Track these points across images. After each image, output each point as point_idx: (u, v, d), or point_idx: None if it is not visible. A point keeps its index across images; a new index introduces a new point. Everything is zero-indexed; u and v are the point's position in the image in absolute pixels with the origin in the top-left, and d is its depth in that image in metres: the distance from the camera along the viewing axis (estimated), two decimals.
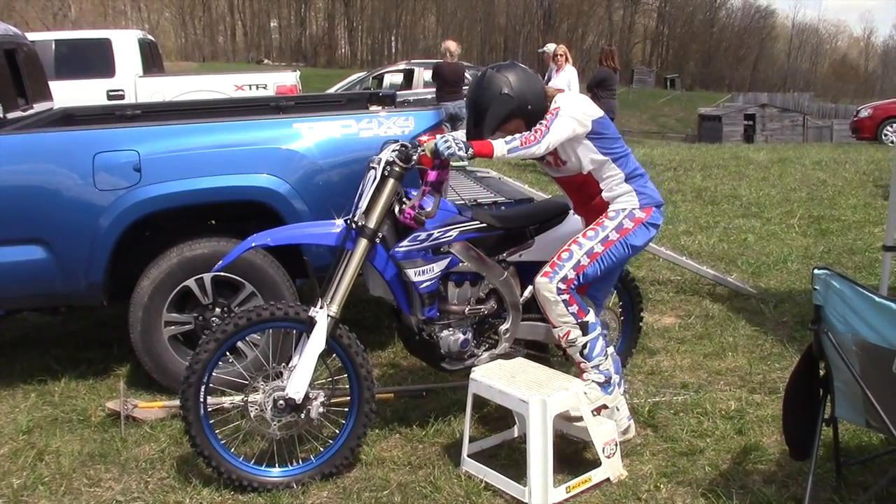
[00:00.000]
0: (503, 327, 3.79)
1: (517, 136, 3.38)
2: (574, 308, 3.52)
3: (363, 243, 3.35)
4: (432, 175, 3.44)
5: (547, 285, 3.49)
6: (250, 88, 12.17)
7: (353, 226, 3.37)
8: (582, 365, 3.62)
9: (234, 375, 3.81)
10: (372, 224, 3.36)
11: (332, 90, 18.17)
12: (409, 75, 17.21)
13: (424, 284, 3.54)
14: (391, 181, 3.40)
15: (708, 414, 3.96)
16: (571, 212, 3.94)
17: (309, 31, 76.61)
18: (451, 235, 3.57)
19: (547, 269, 3.53)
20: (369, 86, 17.00)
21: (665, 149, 15.99)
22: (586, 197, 3.69)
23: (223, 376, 3.72)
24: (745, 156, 13.62)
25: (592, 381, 3.58)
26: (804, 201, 9.27)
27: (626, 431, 3.68)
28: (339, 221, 3.47)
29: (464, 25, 73.75)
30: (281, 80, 12.39)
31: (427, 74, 16.14)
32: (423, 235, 3.48)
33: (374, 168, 3.44)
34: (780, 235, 7.65)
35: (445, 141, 3.28)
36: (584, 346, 3.57)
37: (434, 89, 12.52)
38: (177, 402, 3.78)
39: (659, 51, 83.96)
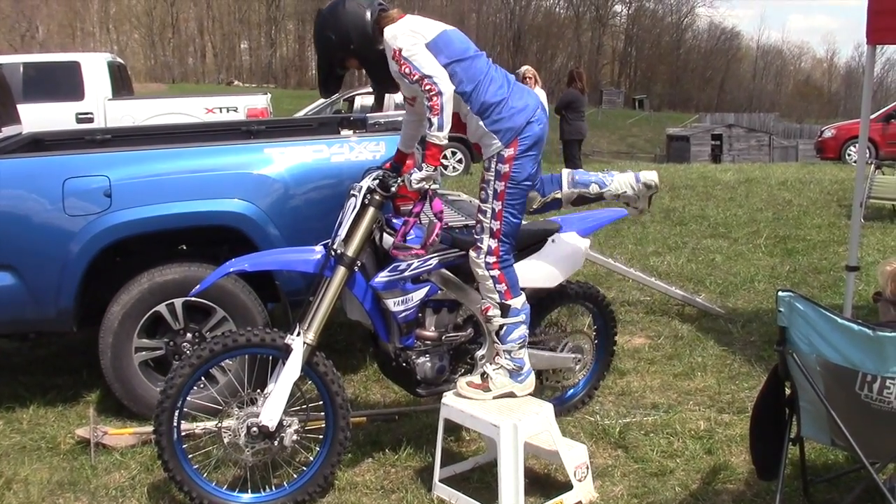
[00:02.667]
0: (479, 353, 3.81)
1: (427, 114, 3.26)
2: (502, 287, 3.50)
3: (342, 271, 3.37)
4: (417, 206, 3.46)
5: (475, 260, 3.49)
6: (221, 111, 12.16)
7: (333, 253, 3.39)
8: (495, 346, 3.61)
9: (208, 400, 3.80)
10: (351, 252, 3.38)
11: (303, 112, 18.18)
12: (380, 97, 17.23)
13: (403, 314, 3.56)
14: (371, 209, 3.42)
15: (678, 434, 4.00)
16: (552, 239, 3.97)
17: (279, 53, 76.62)
18: (431, 264, 3.59)
19: (477, 245, 3.50)
20: (340, 108, 17.01)
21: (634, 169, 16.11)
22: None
23: (197, 401, 3.71)
24: (713, 176, 13.79)
25: (501, 365, 3.58)
26: (770, 221, 9.40)
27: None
28: (318, 248, 3.48)
29: None
30: (252, 103, 12.39)
31: (398, 97, 16.16)
32: (403, 265, 3.49)
33: (354, 196, 3.46)
34: (747, 255, 7.75)
35: (410, 176, 3.34)
36: (501, 327, 3.56)
37: (405, 112, 12.56)
38: (147, 429, 3.77)
39: (627, 72, 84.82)
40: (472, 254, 3.52)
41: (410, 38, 3.34)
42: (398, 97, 16.38)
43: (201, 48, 74.35)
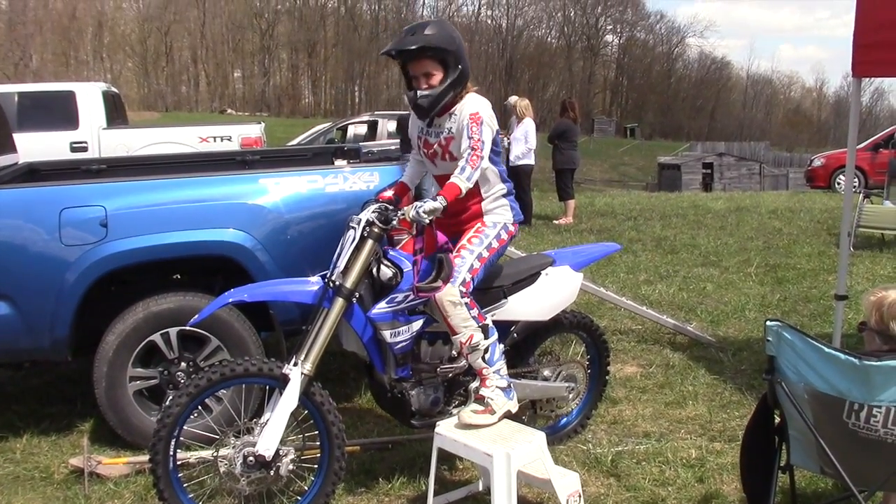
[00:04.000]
0: (474, 385, 3.82)
1: (463, 164, 3.46)
2: (475, 312, 3.57)
3: (339, 302, 3.39)
4: (419, 242, 3.50)
5: (450, 289, 3.50)
6: (215, 140, 12.21)
7: (331, 284, 3.41)
8: (484, 371, 3.64)
9: (204, 429, 3.81)
10: (349, 284, 3.41)
11: (296, 140, 18.31)
12: (373, 126, 17.38)
13: (399, 345, 3.59)
14: (370, 242, 3.45)
15: (669, 462, 4.03)
16: (545, 272, 4.02)
17: (273, 82, 76.98)
18: (434, 295, 3.62)
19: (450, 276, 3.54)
20: (334, 136, 17.12)
21: (626, 198, 16.25)
22: (459, 201, 3.63)
23: (193, 430, 3.72)
24: (704, 205, 13.90)
25: (496, 386, 3.61)
26: (761, 250, 9.48)
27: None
28: (316, 279, 3.52)
29: None
30: (246, 132, 12.44)
31: (391, 125, 16.33)
32: (400, 297, 3.53)
33: (353, 228, 3.49)
34: (737, 284, 7.81)
35: (420, 206, 3.37)
36: (486, 349, 3.60)
37: (398, 140, 12.67)
38: (141, 458, 3.78)
39: (619, 101, 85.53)
40: (446, 286, 3.51)
41: (491, 116, 3.63)
42: (391, 125, 16.43)
43: (195, 77, 74.71)
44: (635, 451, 4.17)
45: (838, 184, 19.70)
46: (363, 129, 17.33)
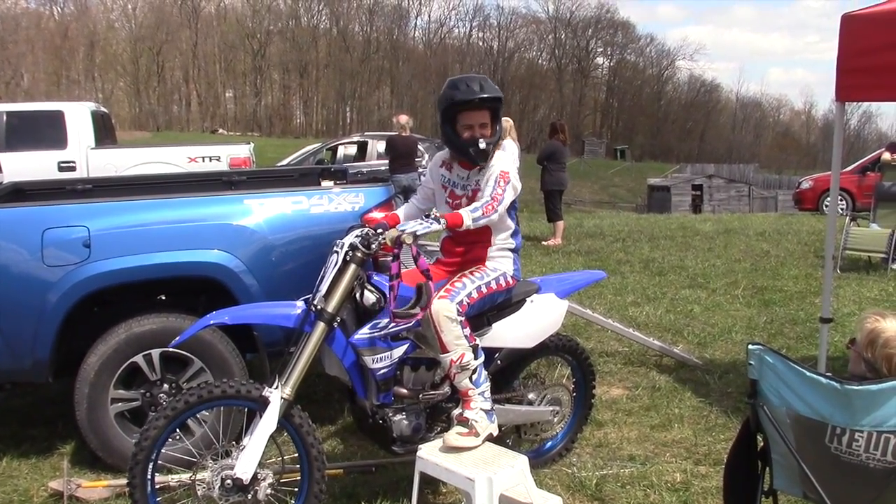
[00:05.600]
0: (456, 411, 3.78)
1: (478, 206, 3.54)
2: (467, 331, 3.59)
3: (321, 327, 3.38)
4: (395, 267, 3.48)
5: (448, 305, 3.53)
6: (203, 160, 12.20)
7: (313, 309, 3.40)
8: (470, 392, 3.63)
9: (183, 452, 3.77)
10: (331, 308, 3.39)
11: (286, 161, 18.31)
12: (362, 147, 17.41)
13: (381, 371, 3.57)
14: (352, 266, 3.44)
15: (654, 486, 4.01)
16: (530, 300, 4.02)
17: (264, 102, 77.16)
18: (411, 322, 3.61)
19: (443, 293, 3.58)
20: (324, 157, 17.13)
21: (615, 219, 16.29)
22: (462, 244, 3.84)
23: (171, 453, 3.68)
24: (692, 227, 13.94)
25: (480, 408, 3.62)
26: (748, 272, 9.50)
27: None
28: (300, 303, 3.50)
29: (418, 97, 74.91)
30: (234, 153, 12.44)
31: (380, 146, 16.36)
32: (383, 322, 3.52)
33: (336, 252, 3.48)
34: (724, 306, 7.82)
35: (420, 223, 3.41)
36: (474, 371, 3.61)
37: (388, 161, 12.71)
38: (121, 482, 3.74)
39: (609, 122, 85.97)
40: (442, 300, 3.54)
41: (516, 176, 3.80)
42: (380, 146, 16.38)
43: (186, 96, 74.84)
44: (620, 475, 4.15)
45: (826, 206, 19.81)
46: (353, 150, 17.36)
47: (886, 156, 10.32)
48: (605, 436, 4.71)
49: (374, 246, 3.47)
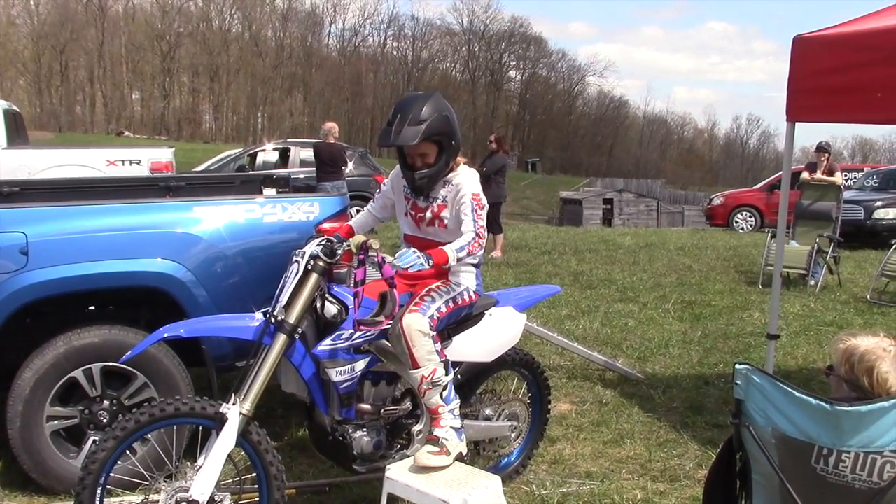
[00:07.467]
0: (416, 428, 3.70)
1: (464, 245, 3.49)
2: (438, 346, 3.50)
3: (282, 339, 3.23)
4: (360, 273, 3.38)
5: (421, 319, 3.43)
6: (123, 164, 11.75)
7: (273, 320, 3.25)
8: (440, 409, 3.54)
9: (131, 474, 3.55)
10: (292, 319, 3.25)
11: (203, 165, 17.83)
12: (284, 153, 17.08)
13: (345, 384, 3.44)
14: (314, 276, 3.31)
15: None
16: (489, 313, 3.94)
17: (173, 105, 75.29)
18: (373, 333, 3.49)
19: (413, 307, 3.48)
20: (244, 163, 16.74)
21: (536, 231, 16.44)
22: None
23: (119, 476, 3.46)
24: (613, 240, 14.15)
25: (450, 426, 3.54)
26: (675, 286, 9.66)
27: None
28: (258, 315, 3.34)
29: (331, 105, 74.33)
30: (156, 156, 12.06)
31: (304, 153, 16.10)
32: (346, 334, 3.39)
33: (297, 261, 3.34)
34: (657, 320, 7.91)
35: (407, 257, 3.31)
36: (445, 387, 3.53)
37: (313, 169, 12.50)
38: None
39: (521, 135, 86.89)
40: (414, 314, 3.43)
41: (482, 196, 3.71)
42: (304, 153, 16.09)
43: (91, 97, 72.39)
44: (580, 493, 4.10)
45: (736, 222, 20.48)
46: (274, 157, 17.02)
47: (805, 175, 10.63)
48: (559, 452, 4.66)
49: (339, 254, 3.35)
